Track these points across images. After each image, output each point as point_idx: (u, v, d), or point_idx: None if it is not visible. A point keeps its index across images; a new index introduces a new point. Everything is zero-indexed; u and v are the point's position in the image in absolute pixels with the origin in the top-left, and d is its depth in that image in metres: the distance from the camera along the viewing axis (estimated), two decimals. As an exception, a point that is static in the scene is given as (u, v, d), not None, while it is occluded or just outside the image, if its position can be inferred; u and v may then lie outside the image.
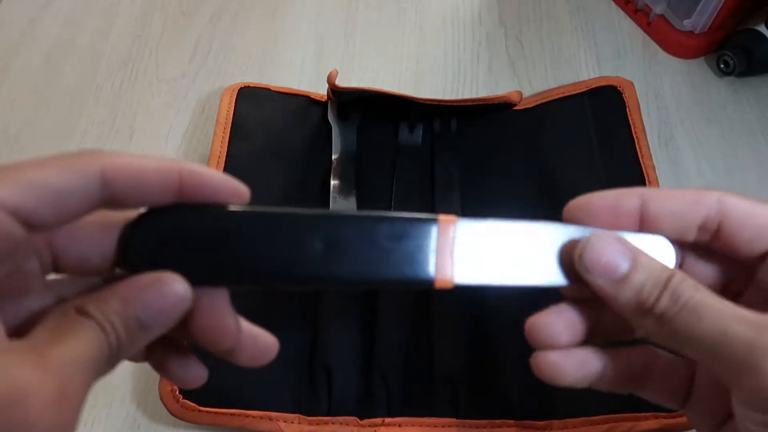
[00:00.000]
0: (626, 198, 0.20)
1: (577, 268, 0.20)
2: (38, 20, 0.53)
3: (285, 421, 0.34)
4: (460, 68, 0.51)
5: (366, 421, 0.34)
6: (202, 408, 0.34)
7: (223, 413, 0.34)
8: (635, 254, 0.19)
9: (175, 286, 0.18)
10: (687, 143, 0.45)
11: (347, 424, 0.34)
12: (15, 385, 0.14)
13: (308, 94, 0.47)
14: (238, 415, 0.34)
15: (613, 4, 0.54)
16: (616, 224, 0.20)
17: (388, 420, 0.34)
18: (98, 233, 0.20)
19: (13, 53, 0.51)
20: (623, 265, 0.19)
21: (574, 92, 0.46)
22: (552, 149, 0.44)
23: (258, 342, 0.21)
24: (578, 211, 0.21)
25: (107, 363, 0.18)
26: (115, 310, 0.18)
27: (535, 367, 0.21)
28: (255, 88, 0.47)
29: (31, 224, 0.17)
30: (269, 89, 0.47)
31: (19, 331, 0.18)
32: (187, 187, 0.19)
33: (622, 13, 0.54)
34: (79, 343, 0.16)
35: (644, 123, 0.45)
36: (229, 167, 0.42)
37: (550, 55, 0.51)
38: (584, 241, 0.20)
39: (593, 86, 0.46)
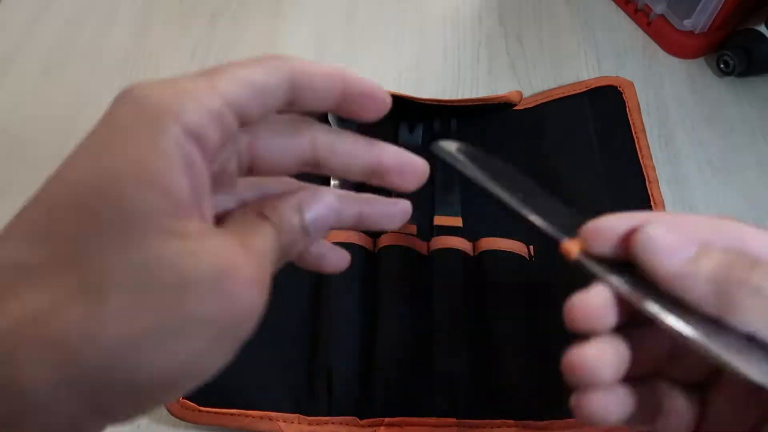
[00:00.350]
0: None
1: (635, 250, 0.19)
2: (38, 20, 0.53)
3: (285, 421, 0.34)
4: (460, 68, 0.51)
5: (366, 421, 0.34)
6: (202, 408, 0.34)
7: (222, 413, 0.34)
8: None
9: (328, 197, 0.22)
10: (687, 143, 0.45)
11: (347, 424, 0.34)
12: (228, 262, 0.17)
13: None
14: (238, 415, 0.34)
15: (613, 4, 0.54)
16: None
17: (388, 420, 0.34)
18: (293, 137, 0.22)
19: (13, 53, 0.51)
20: (691, 248, 0.18)
21: (574, 92, 0.46)
22: (552, 149, 0.44)
23: (338, 252, 0.25)
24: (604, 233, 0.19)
25: (283, 253, 0.20)
26: (287, 218, 0.20)
27: (577, 411, 0.19)
28: None
29: (242, 117, 0.19)
30: None
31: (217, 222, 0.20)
32: (348, 96, 0.21)
33: (622, 13, 0.54)
34: (266, 239, 0.19)
35: (644, 123, 0.45)
36: None
37: (550, 55, 0.51)
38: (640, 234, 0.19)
39: (593, 86, 0.46)
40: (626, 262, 0.19)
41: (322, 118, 0.45)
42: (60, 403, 0.15)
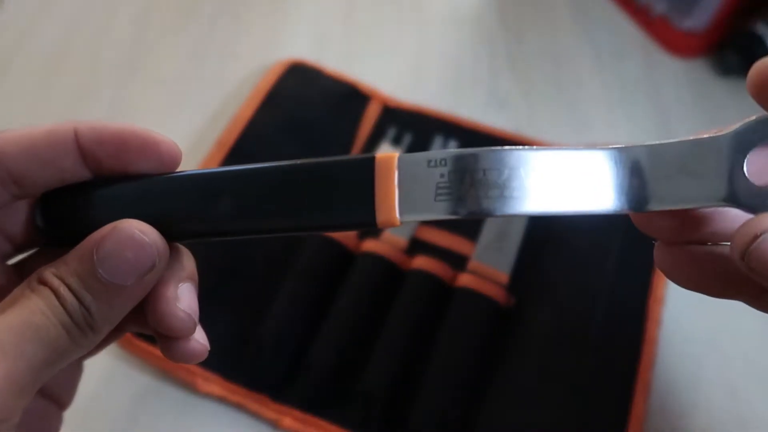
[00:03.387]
0: None
1: (736, 261, 0.15)
2: (38, 20, 0.53)
3: (204, 379, 0.34)
4: (459, 68, 0.51)
5: (275, 405, 0.34)
6: (136, 340, 0.35)
7: (150, 350, 0.35)
8: None
9: (131, 229, 0.17)
10: (687, 143, 0.45)
11: (256, 401, 0.34)
12: None
13: (356, 84, 0.47)
14: (162, 358, 0.34)
15: (613, 4, 0.54)
16: None
17: (297, 413, 0.34)
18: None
19: (13, 53, 0.51)
20: None
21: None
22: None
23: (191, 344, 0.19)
24: None
25: (73, 333, 0.16)
26: (72, 270, 0.16)
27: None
28: (306, 66, 0.48)
29: (15, 174, 0.17)
30: (319, 70, 0.48)
31: None
32: (87, 146, 0.18)
33: (622, 13, 0.54)
34: (14, 314, 0.15)
35: (644, 123, 0.45)
36: (247, 131, 0.44)
37: (550, 55, 0.51)
38: (755, 227, 0.15)
39: None
40: None
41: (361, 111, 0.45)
42: None
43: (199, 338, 0.19)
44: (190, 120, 0.47)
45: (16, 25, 0.53)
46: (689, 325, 0.37)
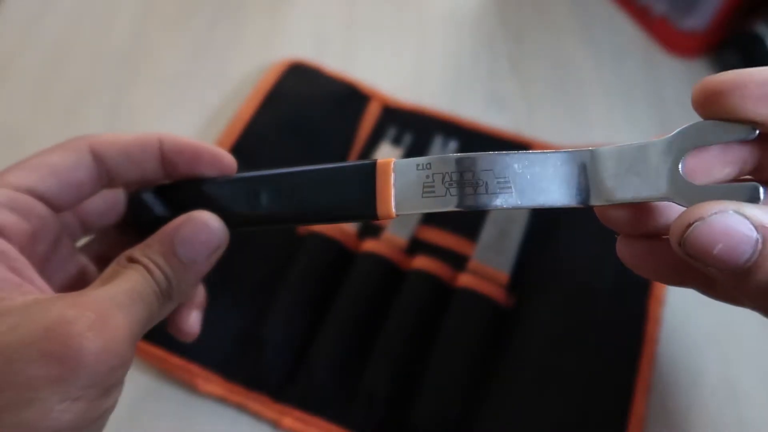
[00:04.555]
0: None
1: (675, 249, 0.16)
2: (39, 20, 0.53)
3: (204, 379, 0.34)
4: (459, 68, 0.51)
5: (276, 405, 0.34)
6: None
7: (148, 350, 0.35)
8: (765, 231, 0.15)
9: (203, 218, 0.21)
10: (687, 143, 0.45)
11: (258, 401, 0.34)
12: (54, 318, 0.17)
13: (356, 84, 0.47)
14: (161, 357, 0.35)
15: (613, 4, 0.54)
16: None
17: (298, 413, 0.34)
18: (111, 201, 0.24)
19: (13, 53, 0.51)
20: (746, 252, 0.15)
21: None
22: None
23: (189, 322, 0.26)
24: (725, 95, 0.16)
25: (160, 300, 0.20)
26: (157, 250, 0.21)
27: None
28: (306, 66, 0.48)
29: (47, 197, 0.21)
30: (319, 70, 0.48)
31: (74, 287, 0.22)
32: (168, 153, 0.23)
33: (622, 13, 0.54)
34: (122, 282, 0.19)
35: (644, 123, 0.45)
36: (247, 130, 0.44)
37: (550, 55, 0.51)
38: (687, 217, 0.16)
39: None
40: None
41: (360, 111, 0.45)
42: None
43: (194, 321, 0.26)
44: (190, 120, 0.47)
45: (16, 25, 0.53)
46: (689, 325, 0.37)
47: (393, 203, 0.20)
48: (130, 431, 0.35)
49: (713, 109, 0.17)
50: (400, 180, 0.20)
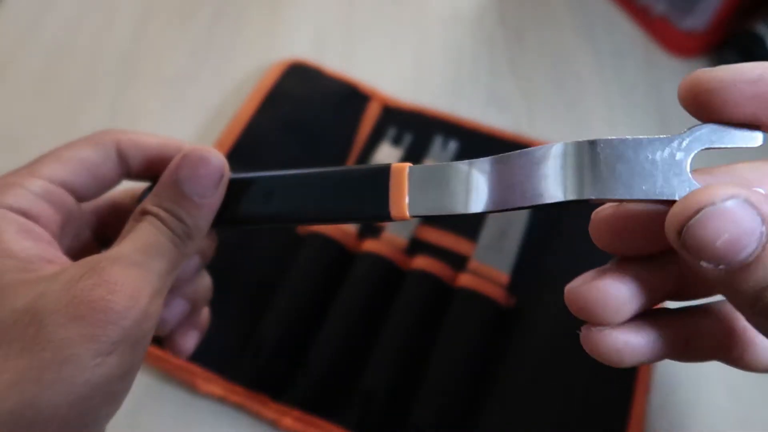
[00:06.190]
0: None
1: (670, 238, 0.14)
2: (39, 20, 0.53)
3: (204, 380, 0.35)
4: (459, 68, 0.51)
5: (276, 405, 0.34)
6: None
7: (152, 352, 0.35)
8: None
9: (198, 152, 0.22)
10: (687, 143, 0.45)
11: (257, 401, 0.34)
12: (78, 283, 0.19)
13: (356, 84, 0.47)
14: (160, 357, 0.35)
15: (613, 4, 0.54)
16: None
17: (297, 413, 0.34)
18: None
19: (13, 53, 0.51)
20: (749, 246, 0.13)
21: None
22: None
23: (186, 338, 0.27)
24: (713, 93, 0.15)
25: (180, 243, 0.21)
26: (166, 197, 0.21)
27: (592, 350, 0.17)
28: (306, 66, 0.48)
29: (74, 189, 0.22)
30: (319, 70, 0.48)
31: None
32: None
33: (622, 12, 0.54)
34: (136, 239, 0.20)
35: (644, 122, 0.45)
36: (247, 130, 0.44)
37: (550, 55, 0.51)
38: (695, 201, 0.14)
39: None
40: None
41: (359, 111, 0.45)
42: None
43: (186, 343, 0.27)
44: (190, 119, 0.47)
45: (16, 25, 0.53)
46: (689, 325, 0.37)
47: (407, 206, 0.20)
48: (130, 431, 0.35)
49: (701, 109, 0.16)
50: (413, 184, 0.20)
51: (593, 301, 0.16)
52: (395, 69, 0.51)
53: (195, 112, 0.48)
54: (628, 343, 0.16)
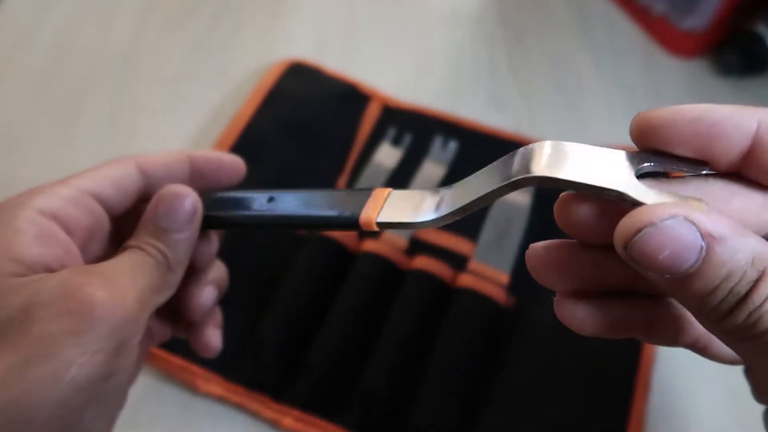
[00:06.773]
0: (740, 118, 0.16)
1: (618, 251, 0.16)
2: (38, 20, 0.53)
3: (204, 379, 0.35)
4: (459, 68, 0.51)
5: (276, 405, 0.34)
6: None
7: (152, 351, 0.35)
8: (710, 239, 0.14)
9: (171, 189, 0.24)
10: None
11: (257, 401, 0.34)
12: (69, 282, 0.20)
13: (356, 84, 0.47)
14: (159, 357, 0.35)
15: (613, 4, 0.54)
16: (707, 156, 0.17)
17: (297, 413, 0.34)
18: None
19: (13, 53, 0.51)
20: (690, 259, 0.15)
21: None
22: None
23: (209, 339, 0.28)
24: (657, 130, 0.17)
25: (161, 270, 0.23)
26: (146, 233, 0.23)
27: (558, 315, 0.19)
28: (306, 66, 0.48)
29: (103, 200, 0.24)
30: (319, 70, 0.48)
31: None
32: (197, 165, 0.27)
33: (622, 12, 0.54)
34: (124, 258, 0.22)
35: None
36: (247, 130, 0.44)
37: (550, 55, 0.51)
38: (638, 220, 0.15)
39: None
40: None
41: (359, 111, 0.45)
42: None
43: (214, 337, 0.29)
44: (190, 119, 0.47)
45: (16, 25, 0.53)
46: (689, 325, 0.37)
47: (377, 216, 0.22)
48: (131, 431, 0.35)
49: (647, 143, 0.17)
50: (390, 204, 0.22)
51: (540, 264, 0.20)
52: (395, 69, 0.51)
53: (195, 112, 0.48)
54: (588, 314, 0.19)
